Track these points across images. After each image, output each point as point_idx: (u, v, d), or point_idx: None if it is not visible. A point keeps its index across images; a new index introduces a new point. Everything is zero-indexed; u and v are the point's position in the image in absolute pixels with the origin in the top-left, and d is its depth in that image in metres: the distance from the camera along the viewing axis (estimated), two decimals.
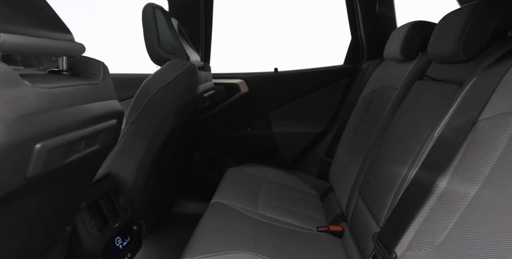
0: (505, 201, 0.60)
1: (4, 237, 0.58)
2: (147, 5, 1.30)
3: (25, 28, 0.54)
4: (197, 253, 0.96)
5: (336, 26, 2.09)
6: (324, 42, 2.43)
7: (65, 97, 0.61)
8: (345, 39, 2.00)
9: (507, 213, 0.59)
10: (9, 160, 0.49)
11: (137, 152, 1.24)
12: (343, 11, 1.92)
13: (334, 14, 2.02)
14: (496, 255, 0.58)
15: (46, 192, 0.64)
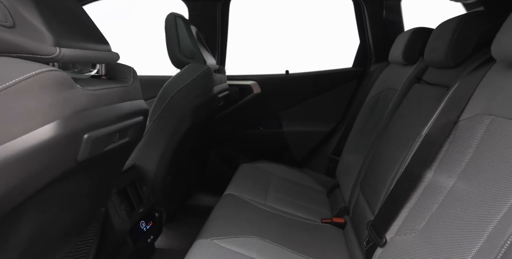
0: (474, 191, 0.70)
1: (60, 210, 0.72)
2: (170, 14, 1.45)
3: (77, 42, 0.68)
4: (210, 235, 1.09)
5: (345, 30, 2.18)
6: (334, 45, 2.53)
7: (105, 98, 0.75)
8: (355, 42, 2.09)
9: (475, 201, 0.68)
10: (65, 146, 0.63)
11: (158, 147, 1.38)
12: (352, 16, 2.02)
13: (344, 18, 2.11)
14: (464, 237, 0.67)
15: (89, 175, 0.78)
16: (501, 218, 0.59)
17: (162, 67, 1.96)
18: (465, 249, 0.65)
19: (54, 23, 0.63)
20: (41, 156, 0.57)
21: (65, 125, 0.61)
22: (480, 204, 0.66)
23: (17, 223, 0.61)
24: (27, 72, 0.55)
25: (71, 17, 0.73)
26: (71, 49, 0.65)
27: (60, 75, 0.60)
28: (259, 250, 1.08)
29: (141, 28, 2.41)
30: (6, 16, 0.54)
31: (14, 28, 0.56)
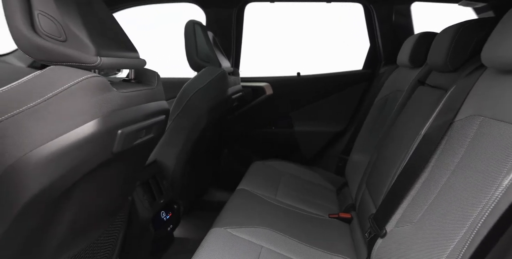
0: (462, 185, 0.77)
1: (99, 193, 0.84)
2: (189, 22, 1.57)
3: (113, 52, 0.80)
4: (223, 225, 1.20)
5: (345, 31, 2.24)
6: (339, 47, 2.60)
7: (134, 99, 0.86)
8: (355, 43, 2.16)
9: (461, 194, 0.76)
10: (104, 140, 0.74)
11: (177, 144, 1.50)
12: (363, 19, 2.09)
13: (344, 20, 2.18)
14: (451, 226, 0.74)
15: (120, 165, 0.90)
16: (480, 209, 0.66)
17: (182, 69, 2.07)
18: (449, 236, 0.72)
19: (95, 36, 0.74)
20: (86, 148, 0.69)
21: (104, 123, 0.73)
22: (465, 197, 0.74)
23: (68, 201, 0.72)
24: (76, 78, 0.67)
25: (107, 29, 0.84)
26: (109, 57, 0.77)
27: (101, 80, 0.72)
28: (267, 239, 1.17)
29: (166, 32, 2.55)
30: (60, 32, 0.66)
31: (66, 42, 0.67)
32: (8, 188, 0.57)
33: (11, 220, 0.58)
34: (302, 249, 1.19)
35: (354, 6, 2.03)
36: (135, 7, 1.95)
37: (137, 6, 1.96)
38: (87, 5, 0.77)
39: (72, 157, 0.67)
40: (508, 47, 0.69)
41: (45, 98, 0.62)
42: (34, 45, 0.63)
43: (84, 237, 0.86)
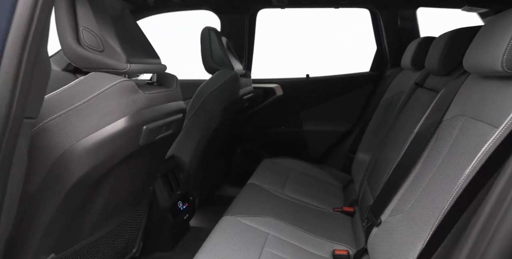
0: (442, 178, 0.87)
1: (127, 180, 0.97)
2: (205, 28, 1.70)
3: (140, 59, 0.93)
4: (234, 213, 1.32)
5: (365, 37, 2.33)
6: (354, 52, 2.68)
7: (157, 99, 1.00)
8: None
9: (440, 185, 0.85)
10: (132, 134, 0.88)
11: (193, 141, 1.63)
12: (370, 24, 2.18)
13: (363, 26, 2.27)
14: (429, 213, 0.84)
15: (145, 157, 1.03)
16: (448, 197, 0.76)
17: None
18: (427, 222, 0.82)
19: (126, 45, 0.88)
20: (117, 140, 0.82)
21: (132, 120, 0.86)
22: (441, 188, 0.83)
23: (103, 186, 0.86)
24: (110, 83, 0.80)
25: (135, 39, 0.98)
26: (137, 64, 0.90)
27: (130, 84, 0.85)
28: (274, 228, 1.29)
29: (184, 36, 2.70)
30: (99, 44, 0.80)
31: (103, 52, 0.81)
32: (59, 172, 0.71)
33: (61, 199, 0.71)
34: (305, 237, 1.30)
35: (361, 11, 2.13)
36: (157, 14, 2.11)
37: (159, 14, 2.12)
38: (119, 19, 0.91)
39: (107, 148, 0.80)
40: (485, 56, 0.78)
41: (87, 99, 0.76)
42: (79, 55, 0.77)
43: (113, 219, 1.00)
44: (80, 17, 0.76)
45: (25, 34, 0.51)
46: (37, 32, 0.52)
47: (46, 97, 0.72)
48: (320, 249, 1.25)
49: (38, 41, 0.53)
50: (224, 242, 1.12)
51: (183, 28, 2.49)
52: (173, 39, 2.55)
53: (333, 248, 1.26)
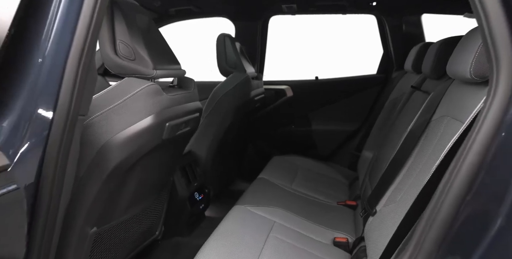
0: (425, 172, 0.97)
1: (151, 171, 1.13)
2: (220, 35, 1.86)
3: (163, 65, 1.09)
4: (244, 203, 1.46)
5: (373, 41, 2.43)
6: (363, 55, 2.79)
7: (177, 100, 1.15)
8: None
9: (423, 176, 0.96)
10: (157, 130, 1.03)
11: (208, 138, 1.79)
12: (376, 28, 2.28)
13: (371, 31, 2.37)
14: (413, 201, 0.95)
15: (167, 150, 1.19)
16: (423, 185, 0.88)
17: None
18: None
19: (153, 54, 1.04)
20: (145, 135, 0.98)
21: (157, 117, 1.01)
22: (423, 178, 0.95)
23: (130, 175, 1.02)
24: (140, 86, 0.96)
25: (160, 48, 1.14)
26: (161, 70, 1.06)
27: (156, 87, 1.01)
28: (280, 217, 1.42)
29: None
30: (131, 53, 0.96)
31: (135, 61, 0.97)
32: (100, 161, 0.87)
33: (101, 183, 0.87)
34: (309, 226, 1.43)
35: (367, 17, 2.23)
36: (178, 22, 2.29)
37: (179, 21, 2.29)
38: (147, 31, 1.06)
39: (137, 141, 0.96)
40: (460, 64, 0.89)
41: (122, 100, 0.91)
42: (116, 64, 0.93)
43: (140, 203, 1.17)
44: (117, 32, 0.92)
45: (82, 47, 0.66)
46: (90, 45, 0.68)
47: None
48: (322, 237, 1.37)
49: (91, 53, 0.69)
50: (235, 227, 1.27)
51: (202, 34, 2.65)
52: (197, 44, 2.72)
53: (334, 236, 1.39)
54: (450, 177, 0.59)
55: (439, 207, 0.59)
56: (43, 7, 0.63)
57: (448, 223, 0.58)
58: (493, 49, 0.56)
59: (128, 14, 0.95)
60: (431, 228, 0.60)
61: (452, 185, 0.58)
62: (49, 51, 0.63)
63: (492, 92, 0.57)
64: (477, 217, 0.56)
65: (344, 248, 1.33)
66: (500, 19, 0.54)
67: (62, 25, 0.64)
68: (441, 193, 0.60)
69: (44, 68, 0.63)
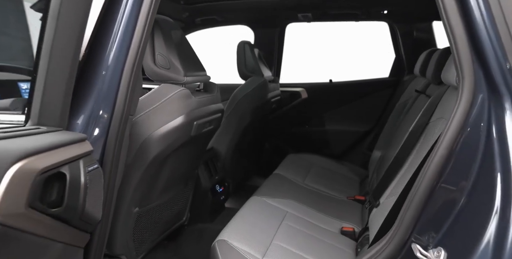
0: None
1: (181, 163, 1.32)
2: (240, 42, 2.04)
3: (192, 72, 1.27)
4: (260, 195, 1.62)
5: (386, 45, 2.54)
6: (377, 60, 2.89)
7: (203, 102, 1.33)
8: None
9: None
10: (186, 127, 1.21)
11: (228, 136, 1.96)
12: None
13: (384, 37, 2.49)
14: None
15: (194, 146, 1.37)
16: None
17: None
18: None
19: (184, 63, 1.22)
20: (177, 132, 1.16)
21: (187, 117, 1.19)
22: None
23: (164, 165, 1.21)
24: (174, 91, 1.14)
25: (189, 57, 1.32)
26: (191, 77, 1.24)
27: (187, 92, 1.19)
28: (292, 207, 1.58)
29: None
30: (167, 63, 1.14)
31: (170, 69, 1.15)
32: (142, 152, 1.06)
33: (143, 170, 1.06)
34: (319, 216, 1.57)
35: (379, 24, 2.35)
36: (203, 30, 2.49)
37: (205, 29, 2.49)
38: (179, 44, 1.25)
39: (170, 137, 1.14)
40: (449, 72, 1.02)
41: (159, 102, 1.10)
42: (155, 72, 1.12)
43: (171, 190, 1.36)
44: (156, 46, 1.11)
45: (133, 61, 0.84)
46: (139, 59, 0.86)
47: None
48: (330, 226, 1.52)
49: (139, 66, 0.88)
50: (251, 215, 1.43)
51: (223, 42, 2.84)
52: (216, 50, 2.91)
53: (341, 226, 1.53)
54: (425, 167, 0.74)
55: (415, 191, 0.74)
56: (106, 33, 0.81)
57: (422, 203, 0.72)
58: (459, 66, 0.70)
59: (165, 30, 1.14)
60: (409, 208, 0.74)
61: (426, 174, 0.73)
62: (110, 66, 0.82)
63: (459, 98, 0.71)
64: (445, 199, 0.71)
65: (350, 236, 1.47)
66: (464, 44, 0.68)
67: (120, 45, 0.82)
68: (418, 180, 0.74)
69: (106, 79, 0.82)
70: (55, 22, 0.59)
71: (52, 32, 0.59)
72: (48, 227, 0.58)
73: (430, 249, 0.66)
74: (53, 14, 0.59)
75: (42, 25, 0.59)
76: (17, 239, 0.53)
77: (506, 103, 0.64)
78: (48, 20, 0.58)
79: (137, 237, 1.18)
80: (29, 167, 0.51)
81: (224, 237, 1.17)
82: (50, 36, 0.59)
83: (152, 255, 1.39)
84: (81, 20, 0.65)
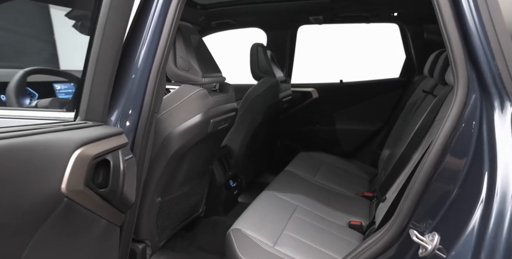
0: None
1: (198, 158, 1.42)
2: (254, 44, 2.12)
3: (209, 73, 1.36)
4: (271, 189, 1.71)
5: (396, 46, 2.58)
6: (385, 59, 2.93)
7: (219, 102, 1.42)
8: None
9: None
10: (204, 125, 1.31)
11: (241, 134, 2.06)
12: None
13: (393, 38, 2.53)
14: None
15: (210, 142, 1.47)
16: None
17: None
18: None
19: (201, 65, 1.31)
20: (195, 129, 1.26)
21: (204, 115, 1.29)
22: None
23: (183, 160, 1.31)
24: (193, 91, 1.24)
25: (206, 59, 1.41)
26: (208, 78, 1.33)
27: (204, 92, 1.29)
28: (302, 202, 1.66)
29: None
30: (186, 66, 1.24)
31: (189, 71, 1.25)
32: (164, 147, 1.16)
33: (165, 163, 1.16)
34: (328, 210, 1.65)
35: (390, 26, 2.40)
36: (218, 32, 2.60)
37: (220, 32, 2.59)
38: (198, 48, 1.34)
39: (189, 133, 1.24)
40: (450, 73, 1.08)
41: (180, 101, 1.20)
42: (176, 74, 1.22)
43: (189, 183, 1.46)
44: (177, 49, 1.21)
45: (159, 65, 0.94)
46: (164, 63, 0.96)
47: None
48: (339, 219, 1.59)
49: (163, 69, 0.98)
50: (263, 207, 1.52)
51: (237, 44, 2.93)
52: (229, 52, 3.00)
53: (349, 220, 1.60)
54: (423, 161, 0.81)
55: (414, 183, 0.81)
56: (135, 42, 0.92)
57: (419, 194, 0.80)
58: (455, 69, 0.77)
59: (186, 35, 1.23)
60: (407, 198, 0.81)
61: (424, 167, 0.80)
62: (138, 70, 0.92)
63: (454, 98, 0.78)
64: (439, 190, 0.78)
65: (357, 229, 1.54)
66: (459, 50, 0.75)
67: (147, 52, 0.92)
68: (416, 173, 0.82)
69: (135, 81, 0.92)
70: (101, 37, 0.69)
71: (98, 44, 0.70)
72: (97, 204, 0.69)
73: (426, 234, 0.74)
74: (99, 30, 0.69)
75: (90, 38, 0.69)
76: (77, 211, 0.65)
77: (495, 102, 0.70)
78: (95, 34, 0.69)
79: (159, 224, 1.29)
80: (86, 153, 0.63)
81: (238, 226, 1.26)
82: (96, 48, 0.70)
83: (171, 243, 1.50)
84: (120, 33, 0.76)
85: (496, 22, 0.69)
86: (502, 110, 0.69)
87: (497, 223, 0.60)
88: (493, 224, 0.61)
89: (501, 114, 0.69)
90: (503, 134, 0.67)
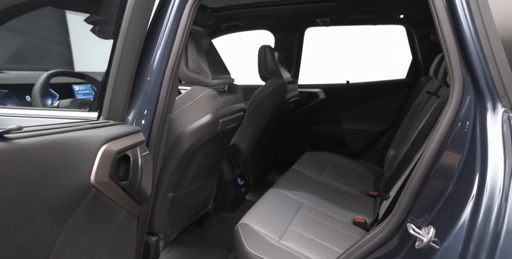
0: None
1: (208, 156, 1.48)
2: (262, 46, 2.18)
3: (218, 75, 1.42)
4: (278, 187, 1.77)
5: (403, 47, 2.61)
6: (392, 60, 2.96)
7: (228, 102, 1.48)
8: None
9: None
10: (213, 124, 1.37)
11: (248, 133, 2.11)
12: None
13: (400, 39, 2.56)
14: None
15: (219, 141, 1.53)
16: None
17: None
18: None
19: (211, 67, 1.38)
20: (205, 128, 1.32)
21: (214, 115, 1.35)
22: None
23: (194, 157, 1.37)
24: (203, 92, 1.30)
25: (215, 61, 1.47)
26: (217, 79, 1.40)
27: (214, 93, 1.35)
28: (308, 199, 1.71)
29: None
30: (197, 68, 1.30)
31: (200, 73, 1.31)
32: (176, 145, 1.22)
33: (177, 161, 1.23)
34: (333, 208, 1.70)
35: (397, 27, 2.43)
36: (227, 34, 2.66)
37: (229, 34, 2.66)
38: (208, 50, 1.41)
39: (199, 132, 1.30)
40: None
41: (191, 102, 1.26)
42: (187, 76, 1.29)
43: (199, 179, 1.53)
44: (189, 53, 1.27)
45: (172, 68, 1.01)
46: (177, 66, 1.03)
47: None
48: (343, 217, 1.64)
49: (176, 71, 1.04)
50: (270, 204, 1.58)
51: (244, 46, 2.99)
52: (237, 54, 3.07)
53: (353, 217, 1.65)
54: (421, 159, 0.86)
55: (411, 181, 0.86)
56: (151, 46, 0.98)
57: (417, 190, 0.84)
58: (451, 72, 0.81)
59: (197, 39, 1.30)
60: (406, 194, 0.86)
61: (421, 164, 0.85)
62: (153, 72, 0.99)
63: (450, 99, 0.82)
64: (436, 186, 0.82)
65: (362, 226, 1.58)
66: (455, 54, 0.80)
67: (161, 56, 0.99)
68: (414, 170, 0.86)
69: (150, 83, 0.98)
70: (122, 42, 0.76)
71: (120, 48, 0.76)
72: (119, 195, 0.77)
73: (422, 228, 0.79)
74: (122, 34, 0.77)
75: (113, 43, 0.76)
76: (102, 200, 0.72)
77: (488, 104, 0.75)
78: (118, 39, 0.76)
79: (171, 218, 1.36)
80: (110, 149, 0.70)
81: (246, 221, 1.32)
82: (119, 51, 0.76)
83: (182, 237, 1.57)
84: (141, 37, 0.83)
85: (489, 30, 0.74)
86: (494, 111, 0.73)
87: (485, 217, 0.65)
88: (481, 218, 0.65)
89: (493, 115, 0.73)
90: (494, 134, 0.71)
